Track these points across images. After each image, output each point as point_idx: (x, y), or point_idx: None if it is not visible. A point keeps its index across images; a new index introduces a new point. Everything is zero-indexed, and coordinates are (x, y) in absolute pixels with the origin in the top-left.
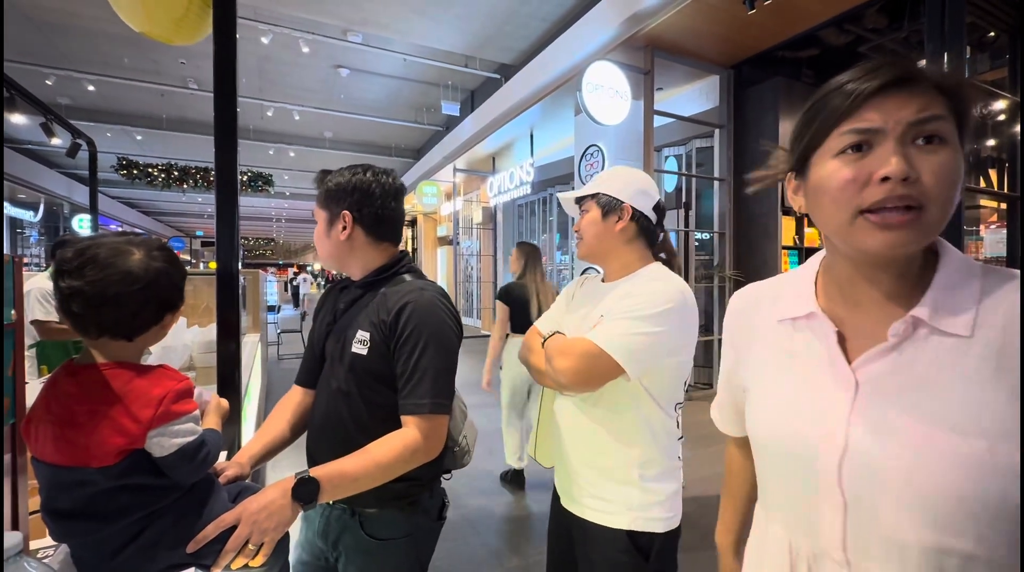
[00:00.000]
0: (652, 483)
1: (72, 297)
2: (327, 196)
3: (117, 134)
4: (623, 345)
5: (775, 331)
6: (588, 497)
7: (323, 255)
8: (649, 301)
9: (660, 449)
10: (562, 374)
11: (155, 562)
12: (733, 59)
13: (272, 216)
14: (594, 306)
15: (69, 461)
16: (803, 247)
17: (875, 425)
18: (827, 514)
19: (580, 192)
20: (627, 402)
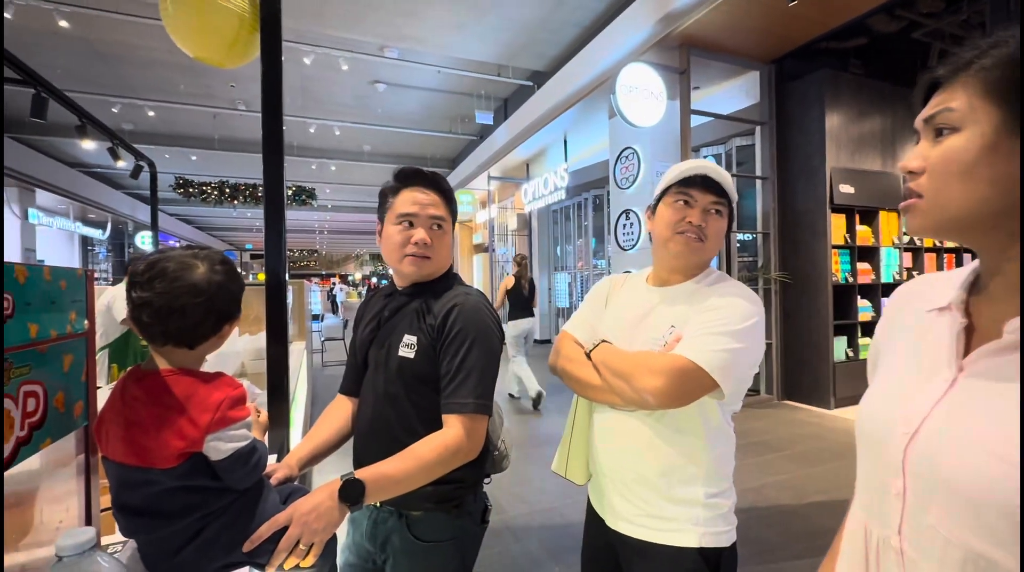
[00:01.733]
0: (716, 498)
1: (142, 307)
2: (455, 208)
3: (174, 155)
4: (720, 361)
5: (919, 321)
6: (646, 517)
7: (443, 264)
8: (738, 315)
9: (724, 464)
10: (652, 393)
11: (213, 560)
12: (774, 53)
13: (315, 228)
14: (649, 313)
15: (136, 461)
16: (855, 246)
17: (953, 418)
18: (891, 500)
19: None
20: (696, 417)
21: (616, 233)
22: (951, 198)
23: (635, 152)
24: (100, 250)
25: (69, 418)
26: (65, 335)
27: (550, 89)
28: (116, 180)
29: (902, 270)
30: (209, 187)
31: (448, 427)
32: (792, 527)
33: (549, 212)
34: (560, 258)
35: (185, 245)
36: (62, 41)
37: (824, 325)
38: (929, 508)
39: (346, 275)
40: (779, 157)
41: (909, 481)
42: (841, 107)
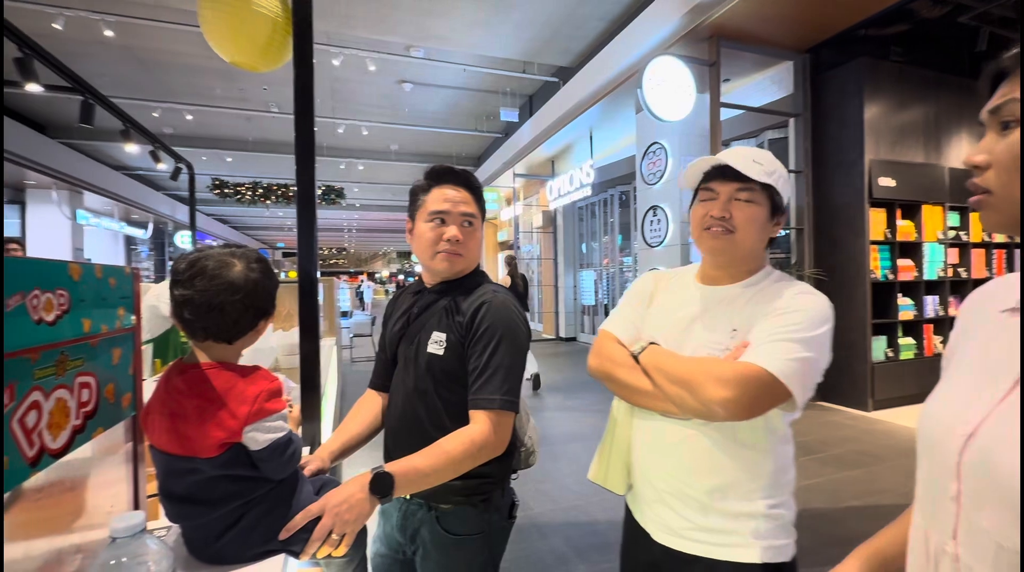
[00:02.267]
0: (779, 508)
1: (184, 304)
2: (484, 206)
3: (211, 157)
4: (794, 370)
5: (992, 322)
6: (699, 530)
7: (474, 261)
8: (811, 320)
9: (785, 473)
10: (720, 405)
11: (251, 546)
12: (808, 42)
13: (344, 227)
14: (702, 313)
15: (180, 450)
16: (896, 242)
17: (1012, 419)
18: (946, 503)
19: (752, 172)
20: (761, 427)
21: (643, 230)
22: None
23: (663, 147)
24: (142, 249)
25: (118, 408)
26: (114, 330)
27: (576, 85)
28: (157, 182)
29: (947, 266)
30: (243, 187)
31: (475, 423)
32: (825, 532)
33: (575, 209)
34: (585, 255)
35: (223, 243)
36: (107, 50)
37: (862, 324)
38: (983, 512)
39: (374, 273)
40: (814, 150)
41: (964, 484)
42: (881, 97)
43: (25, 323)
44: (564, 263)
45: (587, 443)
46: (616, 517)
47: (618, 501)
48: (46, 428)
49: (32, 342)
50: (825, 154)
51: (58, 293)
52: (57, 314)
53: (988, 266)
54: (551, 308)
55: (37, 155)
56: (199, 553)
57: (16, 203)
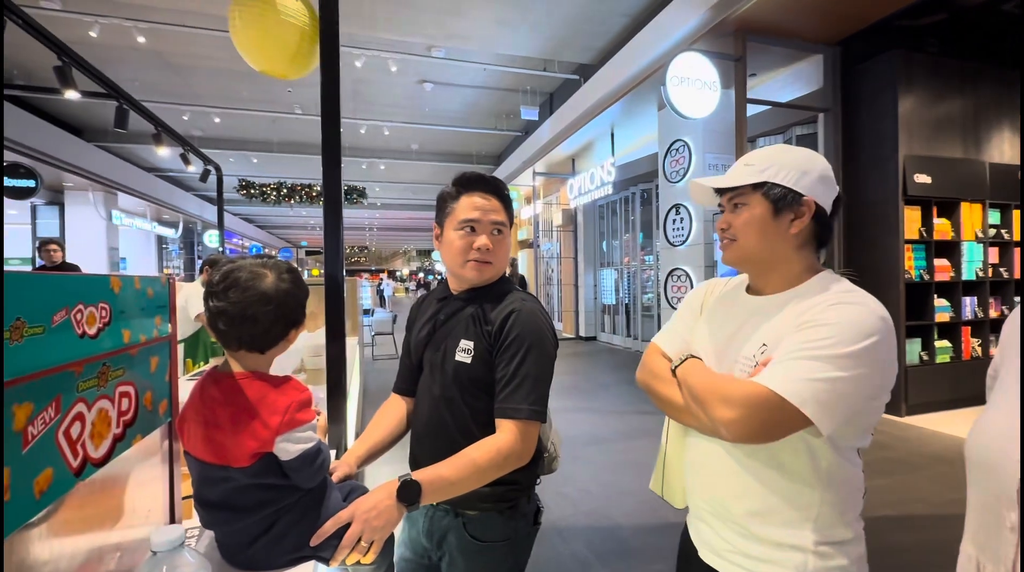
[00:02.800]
0: (833, 547)
1: (219, 315)
2: (510, 209)
3: (238, 159)
4: (812, 393)
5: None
6: (738, 554)
7: (501, 266)
8: (844, 334)
9: (844, 510)
10: (726, 427)
11: (283, 553)
12: (839, 35)
13: (365, 226)
14: (742, 327)
15: (214, 459)
16: (931, 241)
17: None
18: (1005, 534)
19: (734, 180)
20: (802, 456)
21: (665, 228)
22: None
23: (686, 144)
24: (173, 248)
25: (155, 415)
26: (152, 339)
27: (597, 82)
28: (187, 183)
29: (987, 266)
30: (268, 188)
31: (502, 432)
32: None
33: (595, 207)
34: (606, 254)
35: (255, 254)
36: (139, 55)
37: (895, 326)
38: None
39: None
40: (845, 146)
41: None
42: (916, 90)
43: (69, 337)
44: (584, 262)
45: (606, 446)
46: (638, 522)
47: (640, 505)
48: (89, 438)
49: (76, 356)
50: (856, 150)
51: (100, 306)
52: (99, 327)
53: None
54: (571, 307)
55: (75, 158)
56: (232, 559)
57: (55, 204)
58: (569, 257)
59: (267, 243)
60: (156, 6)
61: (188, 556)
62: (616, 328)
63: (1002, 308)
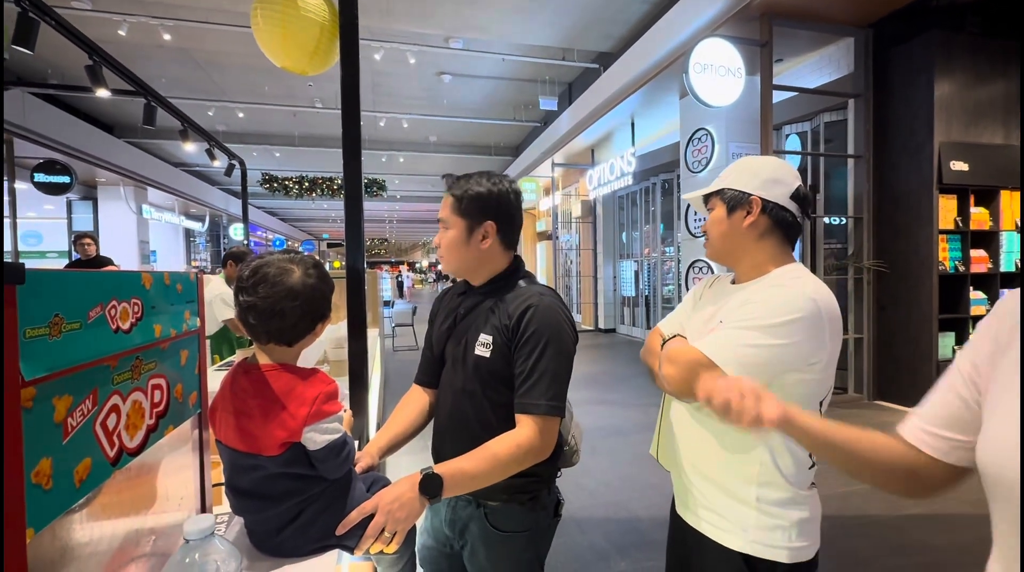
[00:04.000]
0: (773, 507)
1: (248, 310)
2: (468, 205)
3: (261, 153)
4: (735, 356)
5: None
6: (702, 509)
7: (455, 263)
8: (769, 310)
9: (783, 474)
10: (668, 381)
11: (309, 541)
12: (871, 16)
13: (385, 218)
14: (717, 310)
15: (245, 448)
16: (968, 231)
17: None
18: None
19: (706, 190)
20: None
21: (686, 218)
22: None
23: (708, 133)
24: (200, 241)
25: (186, 407)
26: (181, 333)
27: (617, 70)
28: (212, 177)
29: None
30: (291, 181)
31: (521, 427)
32: (884, 539)
33: (615, 198)
34: (626, 245)
35: (280, 249)
36: (165, 52)
37: (927, 319)
38: None
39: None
40: (876, 133)
41: None
42: (955, 73)
43: (105, 333)
44: (604, 253)
45: (627, 437)
46: (657, 514)
47: (658, 496)
48: (124, 429)
49: (111, 350)
50: (888, 137)
51: (133, 302)
52: (132, 322)
53: None
54: (590, 299)
55: (106, 154)
56: (261, 545)
57: (89, 199)
58: (588, 249)
59: (290, 236)
60: (181, 4)
61: (219, 544)
62: (636, 320)
63: None
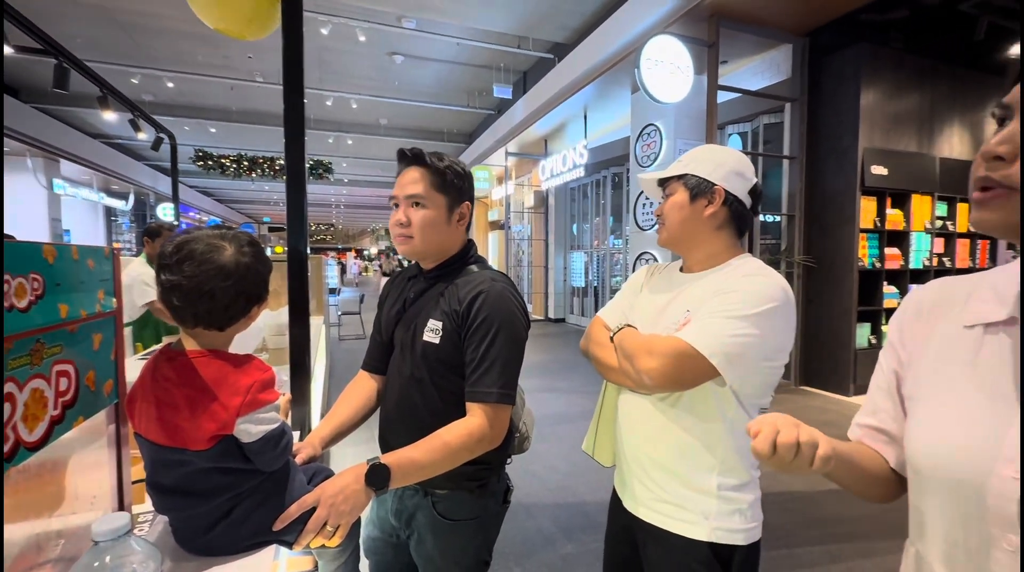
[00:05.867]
0: (732, 492)
1: (172, 290)
2: (451, 182)
3: (194, 127)
4: (720, 347)
5: (960, 337)
6: (660, 502)
7: (427, 245)
8: (749, 299)
9: (743, 457)
10: (648, 375)
11: (243, 538)
12: (808, 26)
13: (332, 203)
14: (673, 299)
15: (169, 441)
16: (884, 230)
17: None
18: (1000, 557)
19: (665, 173)
20: (711, 405)
21: (635, 212)
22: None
23: (658, 129)
24: (123, 221)
25: (100, 396)
26: (94, 314)
27: (571, 62)
28: (137, 151)
29: (932, 256)
30: (228, 160)
31: (472, 415)
32: (806, 513)
33: (567, 189)
34: (576, 237)
35: (212, 225)
36: (81, 10)
37: (847, 311)
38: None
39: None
40: (809, 136)
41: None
42: (878, 84)
43: None
44: (555, 244)
45: (575, 424)
46: (604, 497)
47: (605, 481)
48: (21, 421)
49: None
50: (819, 140)
51: (31, 277)
52: (31, 300)
53: (972, 256)
54: (541, 289)
55: (10, 121)
56: (188, 544)
57: None
58: (540, 239)
59: (227, 218)
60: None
61: (134, 545)
62: (585, 310)
63: None
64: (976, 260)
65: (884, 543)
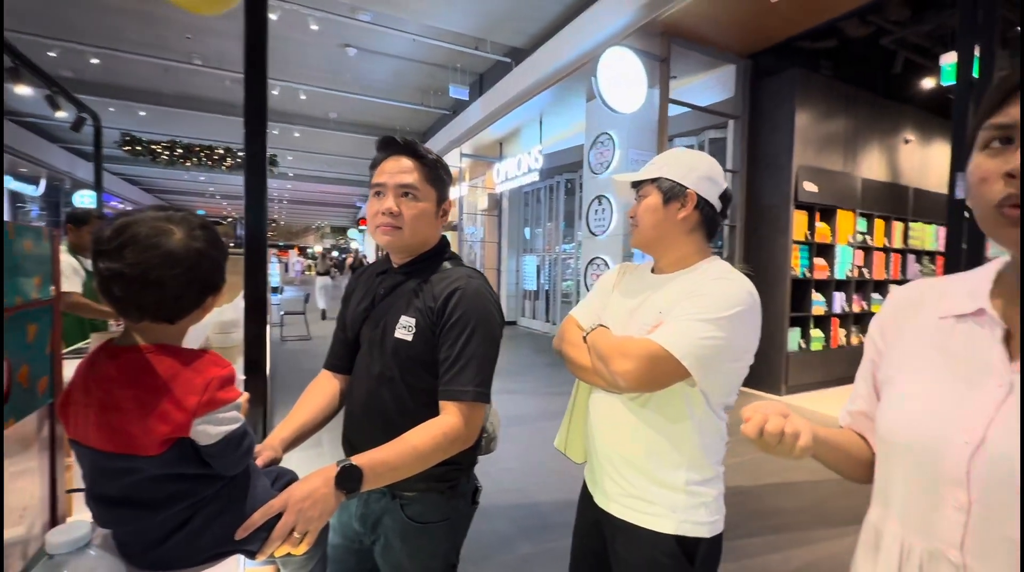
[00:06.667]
0: (698, 486)
1: (112, 280)
2: (440, 176)
3: (120, 109)
4: (692, 349)
5: (934, 328)
6: (629, 497)
7: (417, 238)
8: (719, 303)
9: (708, 454)
10: (622, 377)
11: (201, 550)
12: (750, 48)
13: (275, 197)
14: (645, 300)
15: (115, 448)
16: (814, 242)
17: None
18: (949, 513)
19: (639, 175)
20: (681, 404)
21: (588, 218)
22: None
23: (611, 138)
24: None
25: (33, 395)
26: (30, 302)
27: (529, 67)
28: (52, 132)
29: (854, 267)
30: (159, 146)
31: (446, 414)
32: (747, 507)
33: (521, 193)
34: (529, 241)
35: (154, 206)
36: None
37: (780, 317)
38: (1007, 521)
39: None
40: (749, 152)
41: (977, 493)
42: (810, 106)
43: None
44: (508, 247)
45: (530, 426)
46: (559, 497)
47: (562, 481)
48: None
49: None
50: (758, 156)
51: None
52: None
53: (887, 269)
54: None
55: None
56: (137, 560)
57: None
58: (493, 242)
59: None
60: None
61: (94, 557)
62: (536, 313)
63: (863, 304)
64: (890, 272)
65: (819, 532)
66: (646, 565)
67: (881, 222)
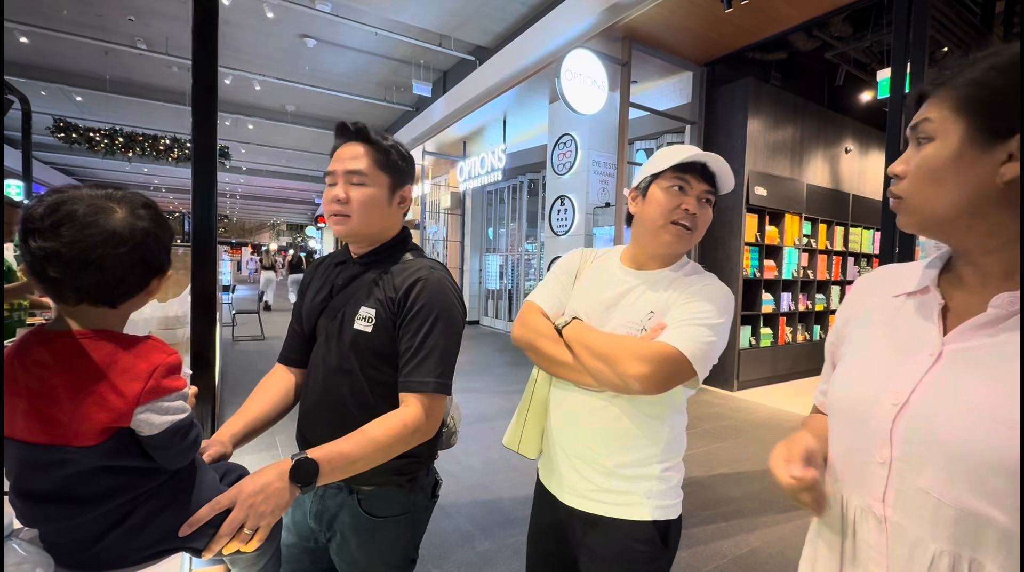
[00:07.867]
0: (670, 471)
1: (46, 260)
2: (395, 162)
3: (53, 93)
4: (700, 352)
5: (886, 305)
6: (601, 492)
7: (366, 226)
8: (718, 308)
9: (677, 443)
10: (637, 379)
11: (141, 548)
12: (707, 57)
13: (226, 192)
14: (625, 295)
15: (45, 439)
16: (764, 244)
17: (943, 388)
18: (874, 469)
19: (727, 184)
20: (663, 400)
21: (551, 218)
22: (926, 200)
23: (573, 139)
24: None
25: None
26: None
27: (493, 66)
28: None
29: (799, 268)
30: (97, 134)
31: (406, 405)
32: (700, 496)
33: (484, 192)
34: (492, 240)
35: (92, 184)
36: None
37: (734, 316)
38: (922, 473)
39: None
40: None
41: (898, 449)
42: (761, 114)
43: None
44: (471, 246)
45: (491, 424)
46: (519, 494)
47: (522, 477)
48: None
49: None
50: None
51: None
52: None
53: (829, 270)
54: None
55: None
56: (67, 560)
57: None
58: (456, 241)
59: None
60: None
61: (19, 550)
62: (499, 313)
63: (807, 303)
64: (832, 273)
65: (766, 517)
66: (623, 555)
67: (824, 226)
